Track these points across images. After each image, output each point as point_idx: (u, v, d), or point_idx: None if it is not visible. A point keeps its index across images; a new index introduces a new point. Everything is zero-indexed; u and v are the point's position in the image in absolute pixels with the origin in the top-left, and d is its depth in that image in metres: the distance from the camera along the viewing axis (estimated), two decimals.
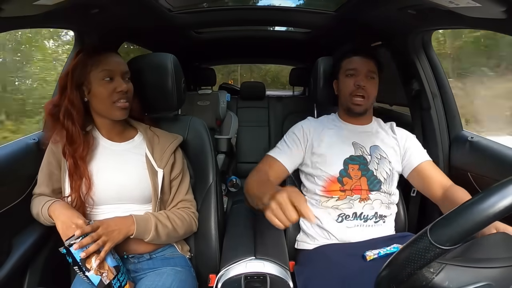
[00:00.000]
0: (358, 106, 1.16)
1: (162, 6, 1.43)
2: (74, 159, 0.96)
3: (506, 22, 0.78)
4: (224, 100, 2.63)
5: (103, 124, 1.04)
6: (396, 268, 0.48)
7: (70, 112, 0.96)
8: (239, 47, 2.62)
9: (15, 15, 0.80)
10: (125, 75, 1.00)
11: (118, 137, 1.06)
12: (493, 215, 0.43)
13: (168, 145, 1.07)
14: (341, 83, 1.21)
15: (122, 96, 0.98)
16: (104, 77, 0.96)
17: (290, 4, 2.30)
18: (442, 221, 0.45)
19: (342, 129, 1.20)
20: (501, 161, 1.07)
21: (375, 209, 1.10)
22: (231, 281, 0.89)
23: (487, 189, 0.45)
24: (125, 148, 1.05)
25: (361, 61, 1.17)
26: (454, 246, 0.43)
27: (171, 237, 1.02)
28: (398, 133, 1.21)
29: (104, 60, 0.97)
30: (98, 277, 0.86)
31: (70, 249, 0.85)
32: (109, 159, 1.01)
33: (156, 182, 1.01)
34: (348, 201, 1.10)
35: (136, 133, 1.09)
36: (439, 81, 1.34)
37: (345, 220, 1.09)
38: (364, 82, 1.14)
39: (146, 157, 1.04)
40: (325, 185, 1.12)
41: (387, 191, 1.12)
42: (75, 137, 0.97)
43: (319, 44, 2.13)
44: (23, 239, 1.04)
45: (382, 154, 1.15)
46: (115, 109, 0.98)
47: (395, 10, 1.13)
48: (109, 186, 0.99)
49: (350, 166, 1.12)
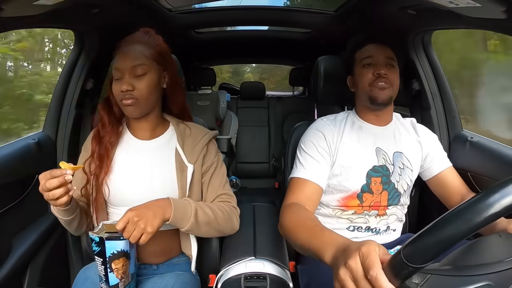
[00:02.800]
0: (382, 92, 1.00)
1: (162, 6, 1.43)
2: (100, 145, 0.96)
3: (506, 22, 0.77)
4: (224, 100, 2.63)
5: (130, 120, 1.02)
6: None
7: (109, 101, 1.00)
8: (239, 47, 2.62)
9: (15, 15, 0.80)
10: (133, 70, 0.91)
11: (146, 135, 1.01)
12: (460, 235, 0.43)
13: (200, 138, 1.02)
14: (357, 76, 1.06)
15: (125, 95, 0.92)
16: (115, 77, 0.94)
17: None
18: (415, 239, 0.45)
19: (363, 131, 1.07)
20: (501, 161, 1.07)
21: (389, 223, 1.07)
22: (231, 281, 0.89)
23: (456, 207, 0.44)
24: (153, 145, 1.01)
25: (378, 48, 1.04)
26: (425, 264, 0.44)
27: (212, 228, 0.94)
28: (422, 134, 1.11)
29: (117, 57, 0.94)
30: (117, 280, 0.84)
31: (105, 242, 0.81)
32: (131, 157, 0.99)
33: (185, 180, 0.97)
34: (364, 216, 1.05)
35: (168, 127, 1.05)
36: (439, 81, 1.34)
37: (357, 231, 1.06)
38: (385, 71, 1.00)
39: (176, 152, 0.99)
40: (342, 200, 1.04)
41: (404, 203, 1.08)
42: (106, 124, 0.98)
43: (319, 44, 2.13)
44: (23, 239, 1.04)
45: (405, 163, 1.06)
46: (123, 107, 0.94)
47: (395, 10, 1.13)
48: (129, 187, 0.96)
49: (373, 179, 1.02)
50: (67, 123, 1.28)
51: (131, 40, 0.94)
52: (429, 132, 1.14)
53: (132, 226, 0.78)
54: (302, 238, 0.77)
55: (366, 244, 0.50)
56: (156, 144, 1.01)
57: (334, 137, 1.04)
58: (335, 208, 1.06)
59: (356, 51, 1.08)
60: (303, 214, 0.86)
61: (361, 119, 1.10)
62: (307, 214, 0.87)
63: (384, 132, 1.08)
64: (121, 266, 0.84)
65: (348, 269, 0.50)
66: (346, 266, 0.51)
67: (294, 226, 0.82)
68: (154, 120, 1.01)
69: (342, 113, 1.14)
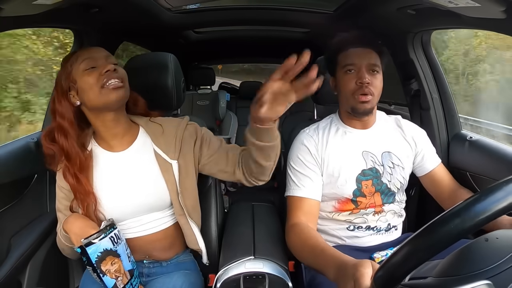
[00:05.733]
0: (364, 104, 1.00)
1: (162, 6, 1.42)
2: (75, 176, 0.89)
3: (505, 22, 0.78)
4: (224, 100, 2.63)
5: (102, 130, 0.94)
6: None
7: (62, 126, 0.89)
8: (239, 46, 2.62)
9: (15, 15, 0.80)
10: (108, 59, 0.90)
11: (120, 143, 0.96)
12: (417, 260, 0.44)
13: (175, 131, 0.97)
14: (340, 81, 1.04)
15: (110, 76, 0.86)
16: (86, 67, 0.87)
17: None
18: (383, 264, 0.49)
19: (347, 137, 1.07)
20: (500, 161, 1.07)
21: (389, 220, 1.07)
22: (230, 280, 0.89)
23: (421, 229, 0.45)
24: (129, 154, 0.96)
25: (361, 53, 1.01)
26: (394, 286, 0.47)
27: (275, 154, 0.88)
28: (409, 132, 1.10)
29: (81, 53, 0.90)
30: (113, 280, 0.84)
31: (86, 249, 0.82)
32: (114, 174, 0.94)
33: (172, 178, 0.94)
34: (362, 215, 1.05)
35: (138, 130, 0.99)
36: (438, 81, 1.34)
37: (357, 229, 1.06)
38: (368, 78, 0.98)
39: (155, 153, 0.95)
40: (337, 205, 1.05)
41: (400, 200, 1.09)
42: (70, 152, 0.89)
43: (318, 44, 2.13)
44: (22, 239, 1.04)
45: (395, 162, 1.06)
46: (108, 93, 0.86)
47: (395, 10, 1.13)
48: (121, 203, 0.94)
49: (363, 183, 1.03)
50: None
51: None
52: (416, 128, 1.14)
53: None
54: (306, 257, 0.87)
55: (359, 268, 0.60)
56: (132, 151, 0.96)
57: (319, 148, 1.05)
58: (331, 212, 1.07)
59: (338, 53, 1.05)
60: (304, 235, 0.92)
61: (345, 124, 1.09)
62: (308, 234, 0.92)
63: (369, 134, 1.08)
64: (111, 265, 0.84)
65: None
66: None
67: (298, 247, 0.91)
68: (125, 121, 0.96)
69: (325, 119, 1.14)
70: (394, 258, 0.46)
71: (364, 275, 0.58)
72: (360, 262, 0.61)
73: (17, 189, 1.06)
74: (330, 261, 0.74)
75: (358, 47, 1.02)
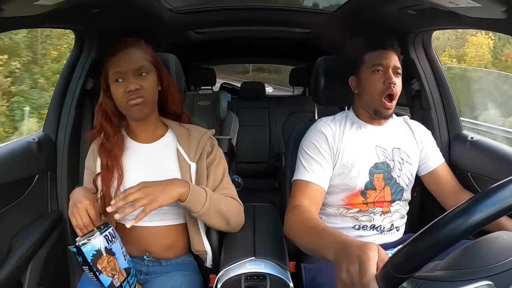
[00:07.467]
0: (388, 110, 1.04)
1: (162, 6, 1.43)
2: (108, 157, 0.98)
3: (506, 22, 0.77)
4: (225, 100, 2.63)
5: (132, 125, 1.04)
6: None
7: (107, 112, 1.01)
8: (240, 47, 2.62)
9: (15, 15, 0.80)
10: (137, 72, 0.96)
11: (148, 137, 1.05)
12: (437, 249, 0.44)
13: (200, 137, 1.05)
14: (365, 81, 1.05)
15: (132, 94, 0.94)
16: (116, 79, 0.96)
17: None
18: (400, 250, 0.47)
19: (362, 131, 1.09)
20: (502, 161, 1.07)
21: (393, 221, 1.08)
22: (231, 281, 0.89)
23: (440, 217, 0.45)
24: (155, 148, 1.04)
25: (387, 55, 1.03)
26: (410, 274, 0.46)
27: (222, 219, 0.98)
28: (415, 130, 1.14)
29: (115, 61, 0.96)
30: (110, 278, 0.84)
31: (81, 248, 0.82)
32: (137, 162, 1.01)
33: (189, 178, 0.99)
34: (369, 213, 1.06)
35: (167, 130, 1.07)
36: (439, 81, 1.34)
37: (362, 229, 1.07)
38: (394, 80, 1.01)
39: (178, 152, 1.02)
40: (347, 198, 1.06)
41: (406, 199, 1.10)
42: (110, 135, 1.00)
43: (319, 44, 2.13)
44: (23, 239, 1.04)
45: (404, 158, 1.08)
46: (130, 109, 0.96)
47: (395, 10, 1.13)
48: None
49: (375, 176, 1.05)
50: (67, 123, 1.28)
51: (127, 45, 0.99)
52: (422, 128, 1.17)
53: (140, 194, 0.83)
54: (306, 238, 0.83)
55: (366, 250, 0.55)
56: (157, 146, 1.04)
57: (336, 138, 1.06)
58: (340, 207, 1.07)
59: (365, 53, 1.06)
60: (305, 215, 0.90)
61: (360, 120, 1.12)
62: (309, 215, 0.90)
63: (382, 130, 1.11)
64: (107, 263, 0.85)
65: (348, 274, 0.56)
66: (347, 271, 0.57)
67: (297, 227, 0.88)
68: (155, 122, 1.05)
69: (340, 114, 1.16)
70: (413, 245, 0.46)
71: (370, 259, 0.53)
72: (366, 244, 0.57)
73: (18, 190, 1.07)
74: (331, 240, 0.69)
75: (386, 49, 1.04)
